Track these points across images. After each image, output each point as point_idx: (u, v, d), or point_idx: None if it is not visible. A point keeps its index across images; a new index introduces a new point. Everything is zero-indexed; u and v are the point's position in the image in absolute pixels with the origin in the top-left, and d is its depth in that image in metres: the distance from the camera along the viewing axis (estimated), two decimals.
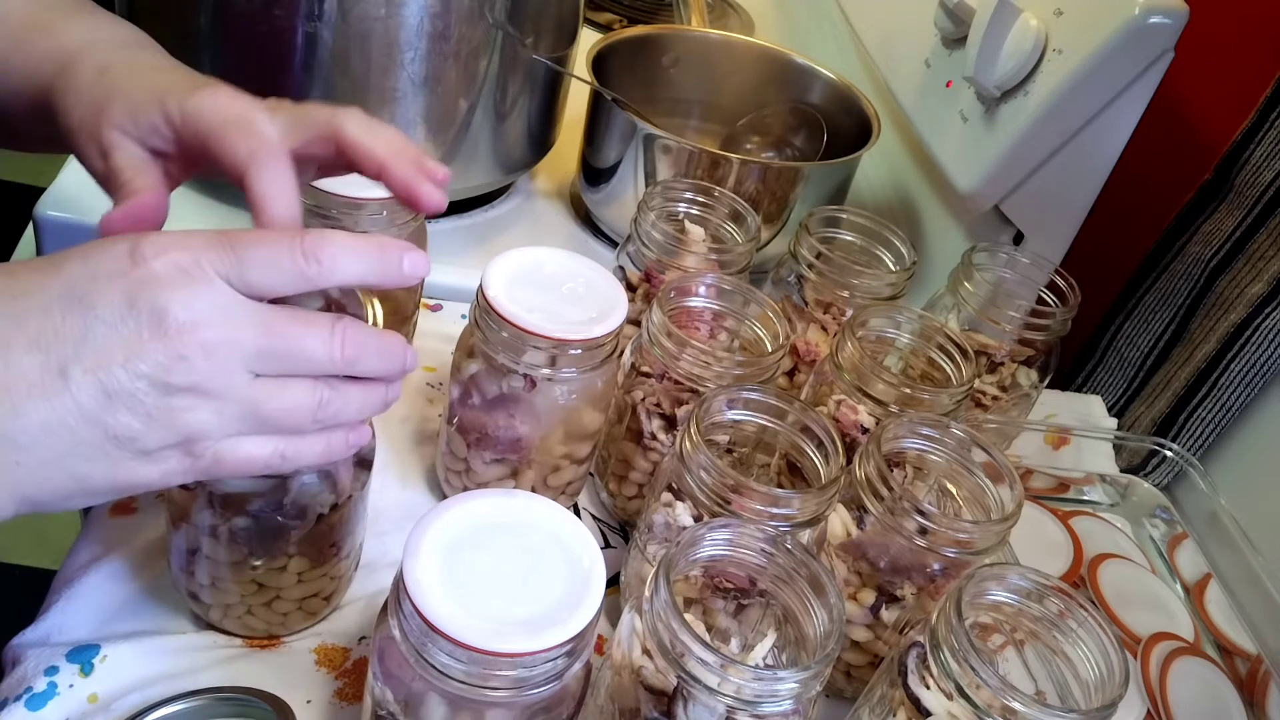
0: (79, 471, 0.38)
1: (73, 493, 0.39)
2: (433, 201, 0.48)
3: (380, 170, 0.48)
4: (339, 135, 0.48)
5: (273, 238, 0.41)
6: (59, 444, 0.37)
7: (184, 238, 0.40)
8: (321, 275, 0.41)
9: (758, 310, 0.64)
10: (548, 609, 0.42)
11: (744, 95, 0.97)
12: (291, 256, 0.40)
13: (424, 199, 0.48)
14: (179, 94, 0.47)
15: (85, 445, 0.38)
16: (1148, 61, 0.70)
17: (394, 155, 0.48)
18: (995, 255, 0.75)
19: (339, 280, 0.42)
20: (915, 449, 0.57)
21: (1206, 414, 0.79)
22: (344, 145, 0.48)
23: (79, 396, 0.37)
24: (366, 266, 0.42)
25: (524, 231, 0.91)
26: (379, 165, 0.48)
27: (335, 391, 0.43)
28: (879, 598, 0.55)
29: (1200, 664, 0.67)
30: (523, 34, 0.79)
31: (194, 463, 0.40)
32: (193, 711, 0.50)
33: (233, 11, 0.72)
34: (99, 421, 0.37)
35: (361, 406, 0.44)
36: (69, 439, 0.37)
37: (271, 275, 0.40)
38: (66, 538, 0.60)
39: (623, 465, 0.65)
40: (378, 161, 0.48)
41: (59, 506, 0.39)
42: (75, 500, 0.39)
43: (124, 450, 0.38)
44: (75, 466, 0.38)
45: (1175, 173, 0.87)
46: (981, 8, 0.75)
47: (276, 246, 0.40)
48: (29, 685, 0.51)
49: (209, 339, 0.38)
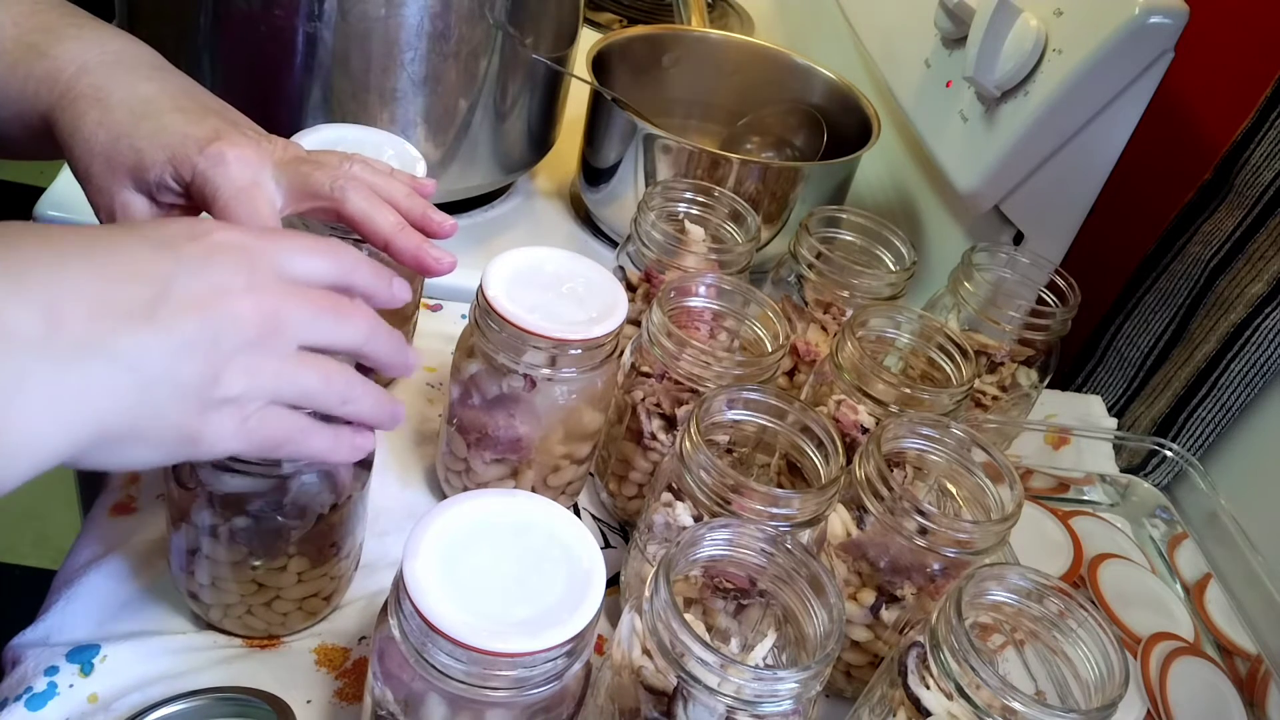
0: (158, 408, 0.39)
1: (143, 429, 0.38)
2: (442, 267, 0.52)
3: (386, 245, 0.51)
4: (340, 211, 0.51)
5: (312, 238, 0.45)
6: (147, 371, 0.38)
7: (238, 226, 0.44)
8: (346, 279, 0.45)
9: (758, 310, 0.64)
10: (548, 609, 0.42)
11: (744, 95, 0.97)
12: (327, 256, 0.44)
13: (433, 266, 0.52)
14: (189, 153, 0.49)
15: (167, 382, 0.38)
16: (1148, 61, 0.70)
17: (397, 231, 0.51)
18: (995, 255, 0.75)
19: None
20: (915, 449, 0.57)
21: (1206, 414, 0.79)
22: (346, 220, 0.51)
23: (169, 328, 0.38)
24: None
25: (524, 231, 0.91)
26: (384, 241, 0.51)
27: (363, 382, 0.45)
28: (879, 598, 0.55)
29: (1200, 664, 0.67)
30: (523, 34, 0.79)
31: (241, 423, 0.41)
32: (193, 711, 0.50)
33: (233, 11, 0.72)
34: (180, 361, 0.38)
35: (376, 405, 0.46)
36: (155, 368, 0.38)
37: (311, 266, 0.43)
38: (66, 538, 0.60)
39: (623, 465, 0.65)
40: (382, 238, 0.51)
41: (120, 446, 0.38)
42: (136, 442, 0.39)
43: (187, 398, 0.39)
44: (155, 402, 0.38)
45: (1175, 173, 0.87)
46: (981, 8, 0.75)
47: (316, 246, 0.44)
48: (29, 685, 0.51)
49: (271, 301, 0.41)
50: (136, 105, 0.50)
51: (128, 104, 0.50)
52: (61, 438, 0.36)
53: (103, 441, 0.37)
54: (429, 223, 0.54)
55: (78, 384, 0.36)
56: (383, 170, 0.55)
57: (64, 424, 0.36)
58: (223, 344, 0.40)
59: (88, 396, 0.36)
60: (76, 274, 0.37)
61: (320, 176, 0.51)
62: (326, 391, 0.44)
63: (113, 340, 0.37)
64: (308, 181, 0.51)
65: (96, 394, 0.37)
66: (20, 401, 0.35)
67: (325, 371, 0.44)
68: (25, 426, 0.35)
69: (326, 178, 0.51)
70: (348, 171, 0.52)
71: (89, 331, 0.36)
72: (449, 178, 0.83)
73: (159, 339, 0.38)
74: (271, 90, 0.75)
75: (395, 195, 0.53)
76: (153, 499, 0.61)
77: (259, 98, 0.76)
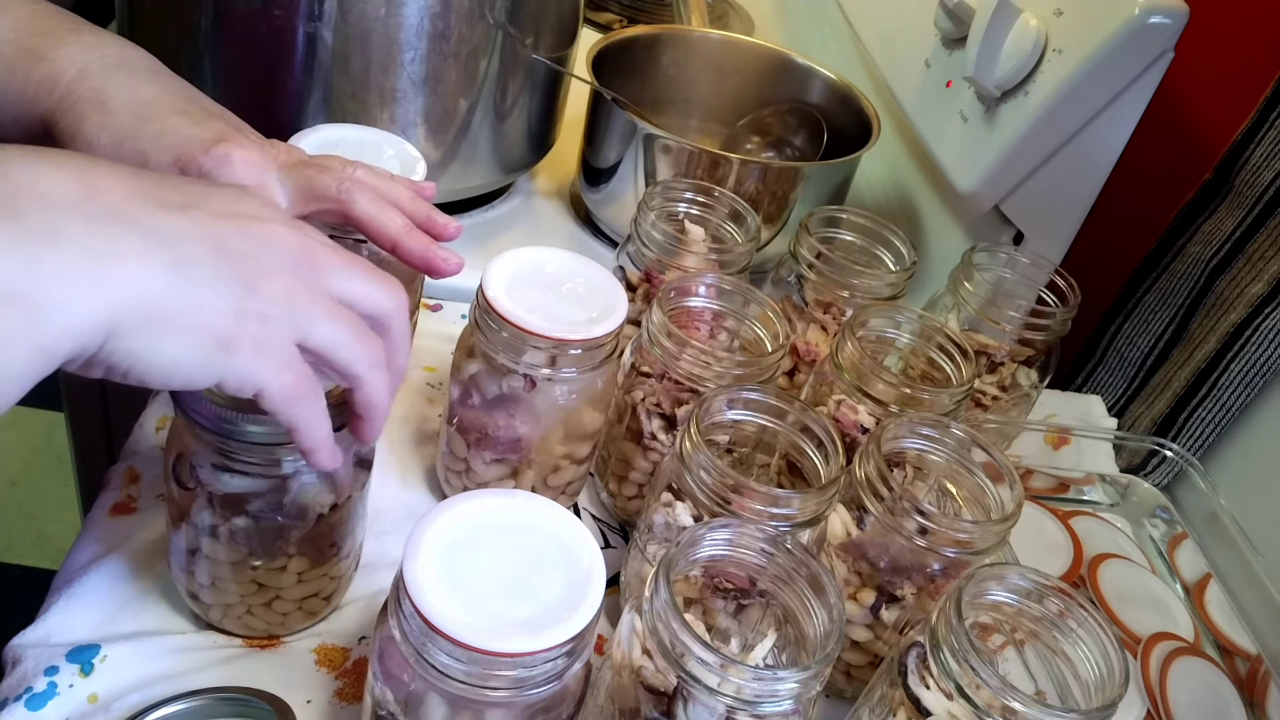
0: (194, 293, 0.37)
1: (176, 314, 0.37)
2: (449, 267, 0.52)
3: (394, 247, 0.52)
4: (347, 213, 0.51)
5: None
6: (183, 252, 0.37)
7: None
8: None
9: (758, 310, 0.64)
10: (548, 609, 0.42)
11: (744, 95, 0.97)
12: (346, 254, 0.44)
13: (441, 267, 0.52)
14: (194, 154, 0.49)
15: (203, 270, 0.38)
16: (1148, 61, 0.70)
17: (405, 233, 0.51)
18: (995, 255, 0.75)
19: None
20: (915, 449, 0.57)
21: (1206, 414, 0.79)
22: (353, 222, 0.51)
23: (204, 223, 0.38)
24: None
25: (524, 231, 0.91)
26: (392, 242, 0.52)
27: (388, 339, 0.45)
28: (879, 598, 0.55)
29: (1200, 664, 0.67)
30: (523, 34, 0.79)
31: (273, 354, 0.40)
32: (193, 711, 0.50)
33: (233, 11, 0.72)
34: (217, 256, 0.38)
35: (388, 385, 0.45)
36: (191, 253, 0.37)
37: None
38: (66, 538, 0.60)
39: (623, 465, 0.65)
40: (390, 239, 0.51)
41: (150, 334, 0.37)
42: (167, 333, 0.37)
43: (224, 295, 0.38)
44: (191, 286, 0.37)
45: (1175, 173, 0.87)
46: (981, 8, 0.75)
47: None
48: (29, 685, 0.51)
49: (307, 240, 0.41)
50: (139, 108, 0.50)
51: (130, 107, 0.50)
52: (96, 300, 0.35)
53: (139, 320, 0.36)
54: (434, 225, 0.54)
55: (113, 248, 0.35)
56: (384, 174, 0.55)
57: (98, 285, 0.35)
58: (258, 257, 0.39)
59: (123, 262, 0.35)
60: (110, 169, 0.37)
61: (326, 179, 0.51)
62: (355, 345, 0.43)
63: (149, 218, 0.37)
64: (313, 184, 0.51)
65: (132, 262, 0.36)
66: (54, 258, 0.34)
67: (359, 326, 0.43)
68: (61, 283, 0.34)
69: (332, 180, 0.51)
70: (352, 175, 0.52)
71: (126, 206, 0.37)
72: (449, 178, 0.83)
73: (196, 228, 0.38)
74: (271, 90, 0.75)
75: (399, 198, 0.54)
76: (153, 499, 0.61)
77: (259, 98, 0.76)
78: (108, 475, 0.63)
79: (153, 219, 0.37)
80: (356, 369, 0.43)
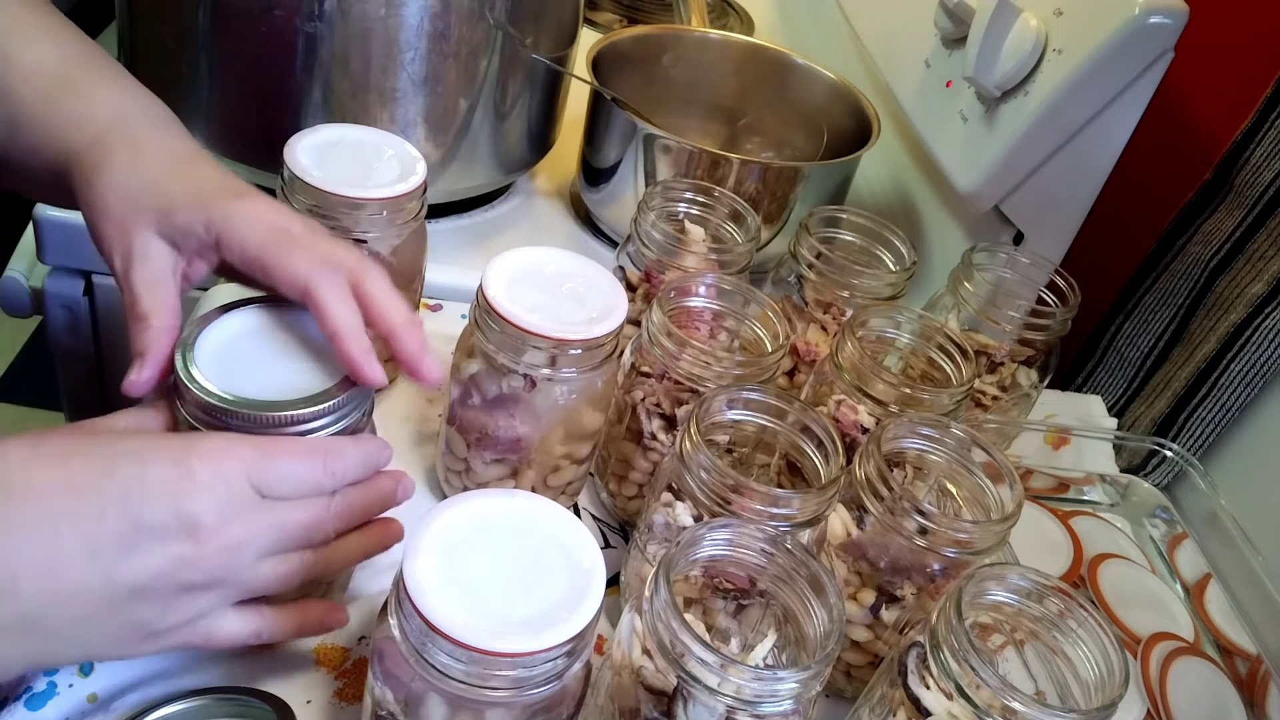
0: (91, 650, 0.44)
1: (77, 660, 0.45)
2: (433, 375, 0.52)
3: (390, 334, 0.51)
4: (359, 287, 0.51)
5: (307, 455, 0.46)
6: (84, 629, 0.42)
7: (231, 448, 0.44)
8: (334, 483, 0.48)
9: (758, 310, 0.64)
10: (548, 609, 0.42)
11: (744, 95, 0.97)
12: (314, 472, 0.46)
13: (426, 372, 0.52)
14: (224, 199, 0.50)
15: (107, 630, 0.42)
16: (1148, 61, 0.70)
17: (407, 324, 0.51)
18: (995, 255, 0.75)
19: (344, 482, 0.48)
20: (915, 449, 0.57)
21: (1206, 414, 0.79)
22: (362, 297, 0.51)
23: (115, 592, 0.41)
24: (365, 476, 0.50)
25: (524, 231, 0.91)
26: (390, 329, 0.51)
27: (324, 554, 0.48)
28: (879, 598, 0.55)
29: (1200, 664, 0.67)
30: (523, 34, 0.79)
31: (188, 639, 0.45)
32: (193, 711, 0.50)
33: (233, 11, 0.72)
34: (125, 612, 0.42)
35: (347, 558, 0.50)
36: (94, 625, 0.42)
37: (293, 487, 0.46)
38: None
39: (623, 465, 0.65)
40: (390, 326, 0.51)
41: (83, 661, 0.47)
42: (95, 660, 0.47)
43: (138, 633, 0.43)
44: (90, 646, 0.43)
45: (1175, 173, 0.87)
46: (981, 8, 0.75)
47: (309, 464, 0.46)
48: (29, 685, 0.51)
49: (231, 540, 0.44)
50: (174, 155, 0.52)
51: (165, 153, 0.52)
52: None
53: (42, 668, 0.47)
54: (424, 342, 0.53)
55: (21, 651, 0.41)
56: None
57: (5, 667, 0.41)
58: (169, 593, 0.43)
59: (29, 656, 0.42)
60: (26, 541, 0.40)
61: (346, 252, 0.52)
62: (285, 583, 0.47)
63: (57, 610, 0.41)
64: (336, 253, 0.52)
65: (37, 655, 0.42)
66: None
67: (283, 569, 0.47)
68: None
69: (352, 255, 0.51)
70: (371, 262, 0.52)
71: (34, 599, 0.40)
72: (449, 178, 0.83)
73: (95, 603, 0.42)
74: (271, 90, 0.75)
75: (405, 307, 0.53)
76: None
77: (259, 98, 0.76)
78: None
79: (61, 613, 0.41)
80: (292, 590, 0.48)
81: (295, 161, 0.60)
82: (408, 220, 0.63)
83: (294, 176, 0.60)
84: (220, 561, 0.44)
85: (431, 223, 0.85)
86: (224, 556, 0.44)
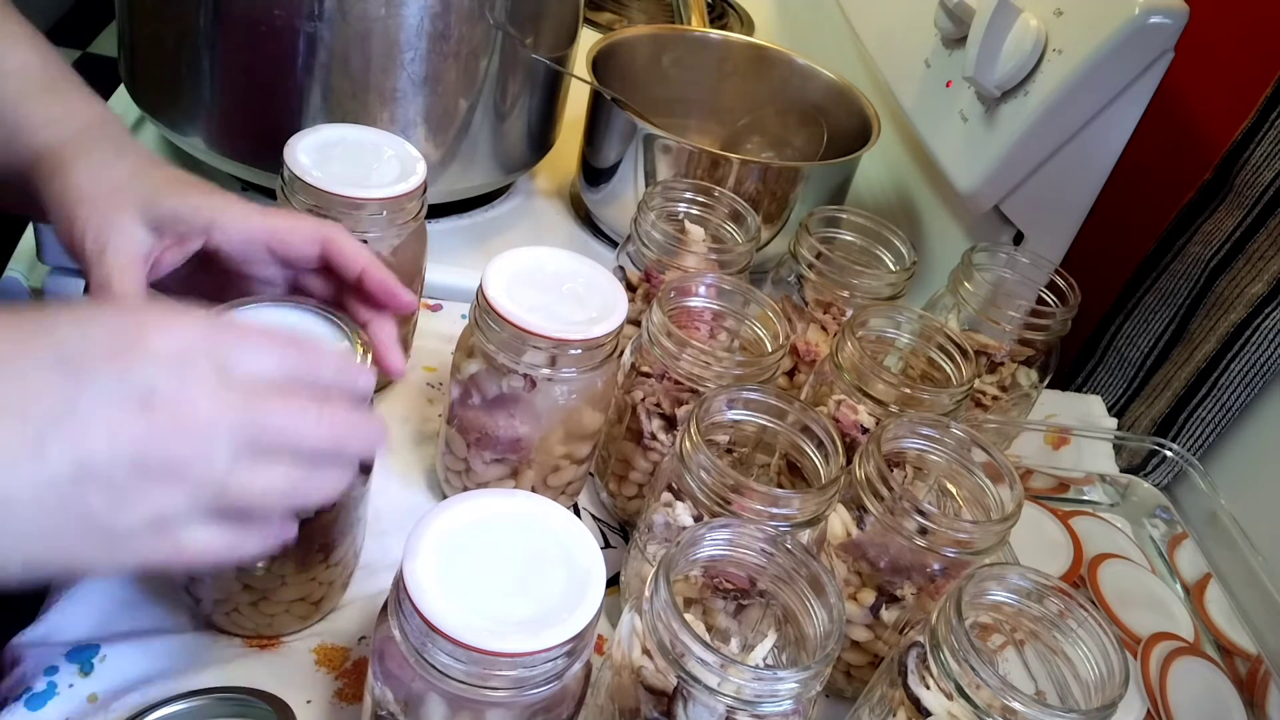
0: (44, 554, 0.36)
1: (46, 565, 0.37)
2: (406, 300, 0.55)
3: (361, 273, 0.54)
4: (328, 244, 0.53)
5: (273, 334, 0.42)
6: (28, 523, 0.35)
7: (188, 316, 0.39)
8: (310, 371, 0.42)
9: (758, 310, 0.64)
10: (548, 609, 0.42)
11: (744, 95, 0.97)
12: (284, 351, 0.41)
13: (401, 297, 0.54)
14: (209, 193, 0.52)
15: (54, 525, 0.36)
16: (1148, 61, 0.70)
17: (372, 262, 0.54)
18: (995, 255, 0.75)
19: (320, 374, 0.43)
20: (915, 449, 0.57)
21: (1206, 414, 0.79)
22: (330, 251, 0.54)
23: (54, 470, 0.35)
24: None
25: (524, 231, 0.91)
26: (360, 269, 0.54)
27: (310, 474, 0.41)
28: (879, 598, 0.55)
29: (1200, 664, 0.67)
30: (523, 34, 0.79)
31: (154, 552, 0.38)
32: (193, 711, 0.50)
33: (233, 11, 0.72)
34: (71, 498, 0.36)
35: (333, 488, 0.43)
36: (38, 512, 0.35)
37: (263, 364, 0.40)
38: None
39: (623, 465, 0.65)
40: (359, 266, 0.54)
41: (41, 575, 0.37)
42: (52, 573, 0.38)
43: (92, 531, 0.36)
44: (42, 549, 0.36)
45: (1175, 173, 0.87)
46: (981, 8, 0.75)
47: (277, 341, 0.41)
48: (29, 685, 0.51)
49: (193, 416, 0.37)
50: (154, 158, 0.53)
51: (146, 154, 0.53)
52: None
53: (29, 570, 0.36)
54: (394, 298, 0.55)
55: None
56: None
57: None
58: (118, 476, 0.36)
59: None
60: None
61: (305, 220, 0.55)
62: (264, 500, 0.40)
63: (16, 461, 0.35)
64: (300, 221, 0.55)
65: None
66: None
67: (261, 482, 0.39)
68: None
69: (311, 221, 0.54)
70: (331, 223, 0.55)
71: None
72: (449, 178, 0.83)
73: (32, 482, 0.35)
74: (271, 90, 0.75)
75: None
76: None
77: (259, 98, 0.76)
78: None
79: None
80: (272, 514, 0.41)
81: (295, 161, 0.60)
82: (408, 220, 0.64)
83: (294, 176, 0.60)
84: (181, 442, 0.37)
85: (431, 223, 0.85)
86: (186, 436, 0.37)
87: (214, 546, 0.40)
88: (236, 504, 0.39)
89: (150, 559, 0.38)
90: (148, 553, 0.38)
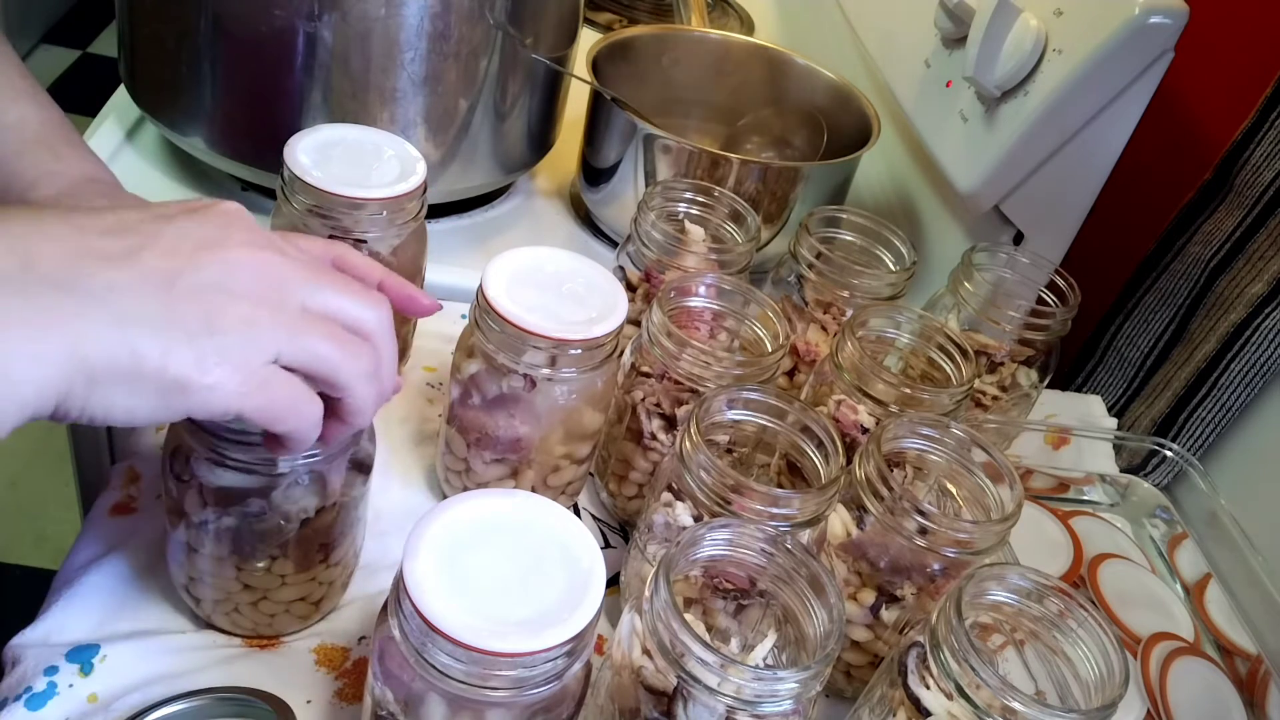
0: (136, 345, 0.38)
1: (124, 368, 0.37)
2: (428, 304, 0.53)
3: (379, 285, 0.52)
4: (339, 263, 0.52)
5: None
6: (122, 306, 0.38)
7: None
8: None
9: (758, 310, 0.64)
10: (548, 609, 0.42)
11: (744, 95, 0.97)
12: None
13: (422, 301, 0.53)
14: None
15: (145, 319, 0.38)
16: (1148, 61, 0.70)
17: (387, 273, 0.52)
18: (995, 255, 0.75)
19: None
20: (915, 449, 0.57)
21: (1206, 414, 0.79)
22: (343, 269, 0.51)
23: (147, 270, 0.38)
24: None
25: (524, 231, 0.91)
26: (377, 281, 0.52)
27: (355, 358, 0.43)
28: (879, 598, 0.55)
29: (1200, 664, 0.67)
30: (523, 34, 0.79)
31: (241, 382, 0.40)
32: (193, 711, 0.50)
33: (233, 11, 0.72)
34: (161, 301, 0.38)
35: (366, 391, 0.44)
36: (131, 305, 0.38)
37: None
38: (66, 538, 0.60)
39: (623, 465, 0.65)
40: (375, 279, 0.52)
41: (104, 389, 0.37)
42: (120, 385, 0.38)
43: (171, 341, 0.38)
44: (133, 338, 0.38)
45: (1175, 173, 0.87)
46: (981, 8, 0.75)
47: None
48: (29, 685, 0.51)
49: (265, 259, 0.41)
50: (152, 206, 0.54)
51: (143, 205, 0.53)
52: (39, 372, 0.36)
53: (87, 381, 0.37)
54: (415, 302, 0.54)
55: (49, 319, 0.36)
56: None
57: (41, 357, 0.36)
58: (213, 290, 0.39)
59: (62, 330, 0.36)
60: (51, 229, 0.38)
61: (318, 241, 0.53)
62: (334, 356, 0.42)
63: (88, 279, 0.37)
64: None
65: (70, 328, 0.36)
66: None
67: (339, 338, 0.42)
68: (4, 361, 0.35)
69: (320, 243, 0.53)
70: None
71: (64, 271, 0.37)
72: (449, 178, 0.83)
73: (138, 279, 0.38)
74: (271, 90, 0.75)
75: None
76: (153, 499, 0.61)
77: (259, 98, 0.76)
78: (108, 475, 0.63)
79: (91, 280, 0.37)
80: (339, 378, 0.43)
81: (295, 161, 0.60)
82: (408, 220, 0.64)
83: (294, 176, 0.60)
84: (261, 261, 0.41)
85: (431, 223, 0.85)
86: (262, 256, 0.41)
87: (286, 391, 0.42)
88: (301, 353, 0.41)
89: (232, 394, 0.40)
90: (230, 383, 0.39)
